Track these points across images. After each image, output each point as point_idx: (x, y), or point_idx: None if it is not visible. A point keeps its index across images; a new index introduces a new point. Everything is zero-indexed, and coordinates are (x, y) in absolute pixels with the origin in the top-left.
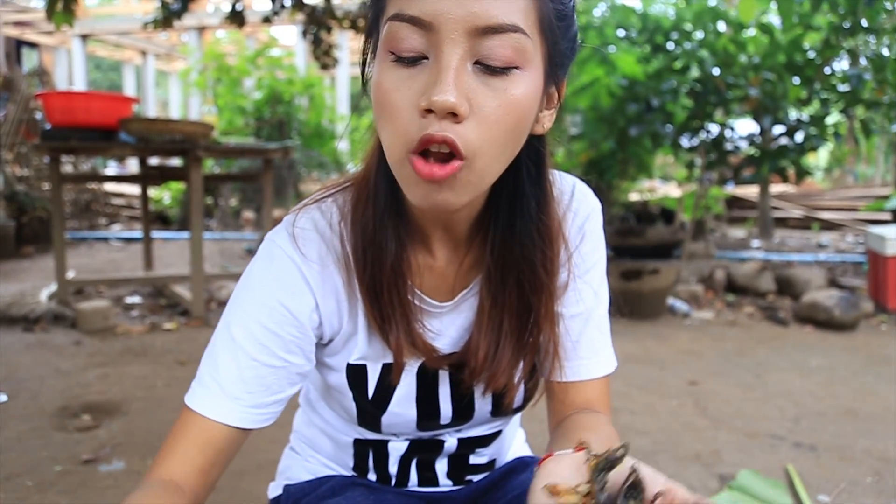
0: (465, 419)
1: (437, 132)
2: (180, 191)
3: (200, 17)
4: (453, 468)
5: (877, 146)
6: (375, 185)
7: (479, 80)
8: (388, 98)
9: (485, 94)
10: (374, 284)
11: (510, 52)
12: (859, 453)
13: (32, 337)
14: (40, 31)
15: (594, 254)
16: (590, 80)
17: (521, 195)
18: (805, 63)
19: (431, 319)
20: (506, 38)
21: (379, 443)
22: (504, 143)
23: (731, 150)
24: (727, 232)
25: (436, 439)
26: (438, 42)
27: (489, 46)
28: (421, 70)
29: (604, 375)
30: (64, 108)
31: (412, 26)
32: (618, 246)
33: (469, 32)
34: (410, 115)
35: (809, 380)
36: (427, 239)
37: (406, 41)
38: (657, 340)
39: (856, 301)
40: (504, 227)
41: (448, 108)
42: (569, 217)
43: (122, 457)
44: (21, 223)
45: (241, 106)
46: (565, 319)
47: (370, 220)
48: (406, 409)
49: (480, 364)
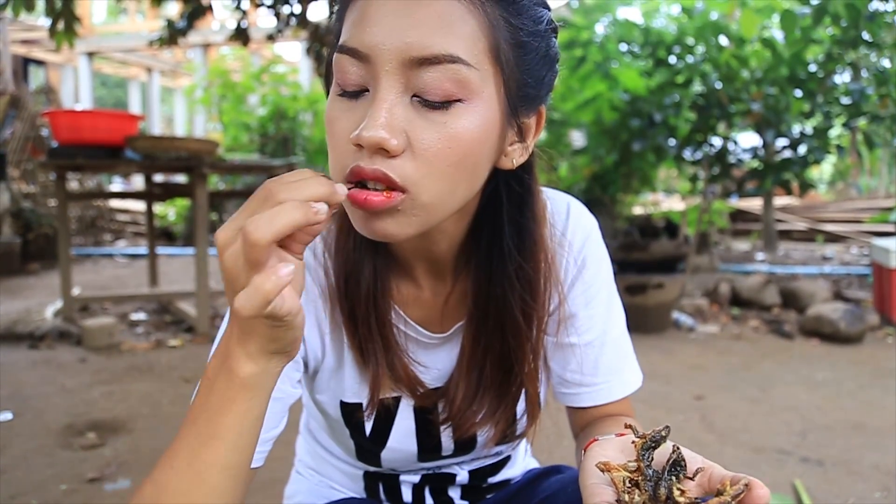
0: (468, 449)
1: (368, 166)
2: (185, 207)
3: (205, 35)
4: (467, 493)
5: (880, 158)
6: None
7: (417, 114)
8: (330, 129)
9: (423, 128)
10: (352, 314)
11: (448, 85)
12: (867, 468)
13: (38, 354)
14: (47, 49)
15: (598, 276)
16: (592, 95)
17: (499, 234)
18: (807, 76)
19: (422, 351)
20: (443, 69)
21: (389, 477)
22: (450, 177)
23: (735, 163)
24: (731, 245)
25: (446, 473)
26: (376, 74)
27: (425, 79)
28: (361, 103)
29: (624, 396)
30: (70, 127)
31: (352, 58)
32: (622, 260)
33: (404, 64)
34: (347, 146)
35: (816, 393)
36: (411, 270)
37: (348, 74)
38: (662, 355)
39: (861, 314)
40: (483, 264)
41: (375, 144)
42: (566, 242)
43: (127, 475)
44: (27, 240)
45: (245, 122)
46: (580, 348)
47: (350, 250)
48: (406, 445)
49: (456, 409)
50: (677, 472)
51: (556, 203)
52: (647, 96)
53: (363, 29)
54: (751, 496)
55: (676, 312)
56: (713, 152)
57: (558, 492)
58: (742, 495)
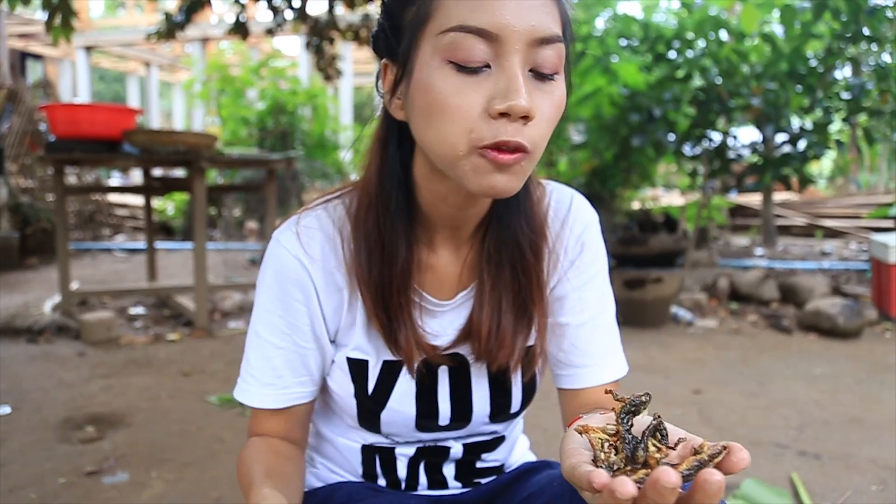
0: (464, 421)
1: (512, 137)
2: (184, 201)
3: (204, 29)
4: (461, 472)
5: (879, 154)
6: (383, 188)
7: (533, 86)
8: (451, 101)
9: (540, 98)
10: (382, 286)
11: (557, 60)
12: (864, 462)
13: (36, 348)
14: (44, 43)
15: (595, 263)
16: (592, 90)
17: None
18: (808, 71)
19: (429, 318)
20: (555, 48)
21: (386, 449)
22: (549, 138)
23: (734, 158)
24: (730, 240)
25: (441, 446)
26: (503, 52)
27: (542, 56)
28: (485, 77)
29: (615, 380)
30: (68, 120)
31: (478, 37)
32: (621, 255)
33: (529, 43)
34: (479, 116)
35: (813, 388)
36: (432, 239)
37: (471, 51)
38: (661, 349)
39: (859, 309)
40: (500, 217)
41: (524, 112)
42: (567, 228)
43: (126, 468)
44: (25, 234)
45: (244, 116)
46: (572, 328)
47: (377, 223)
48: (405, 407)
49: (485, 339)
50: (658, 440)
51: (561, 193)
52: (647, 91)
53: (489, 11)
54: (729, 459)
55: (675, 307)
56: (713, 147)
57: (545, 486)
58: (720, 457)
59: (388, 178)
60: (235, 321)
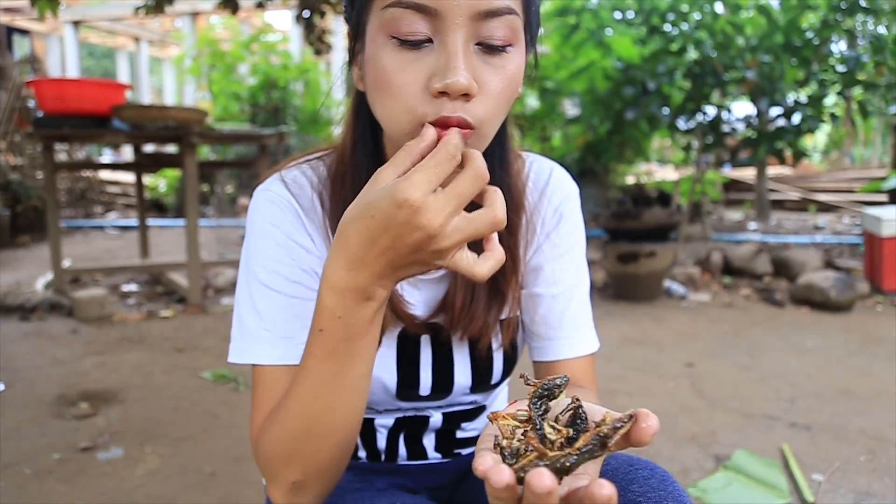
0: (445, 392)
1: (452, 114)
2: (176, 178)
3: (194, 3)
4: (441, 442)
5: (874, 128)
6: (355, 160)
7: (481, 60)
8: (392, 79)
9: (487, 72)
10: None
11: (508, 32)
12: (854, 433)
13: (29, 326)
14: (31, 18)
15: (572, 235)
16: (586, 64)
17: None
18: (803, 44)
19: (411, 287)
20: (503, 20)
21: (366, 420)
22: (502, 112)
23: (728, 132)
24: (724, 214)
25: (421, 416)
26: (444, 27)
27: (489, 28)
28: (426, 52)
29: (587, 354)
30: (56, 96)
31: (416, 12)
32: (614, 229)
33: (472, 17)
34: (420, 94)
35: (805, 360)
36: None
37: (410, 26)
38: (654, 322)
39: (852, 282)
40: None
41: (462, 90)
42: (545, 198)
43: (119, 444)
44: (16, 212)
45: (235, 92)
46: (546, 299)
47: (352, 191)
48: (386, 374)
49: (458, 311)
50: (577, 425)
51: (540, 164)
52: (641, 64)
53: None
54: (637, 427)
55: (668, 281)
56: (707, 121)
57: None
58: (625, 427)
59: (359, 148)
60: (229, 297)
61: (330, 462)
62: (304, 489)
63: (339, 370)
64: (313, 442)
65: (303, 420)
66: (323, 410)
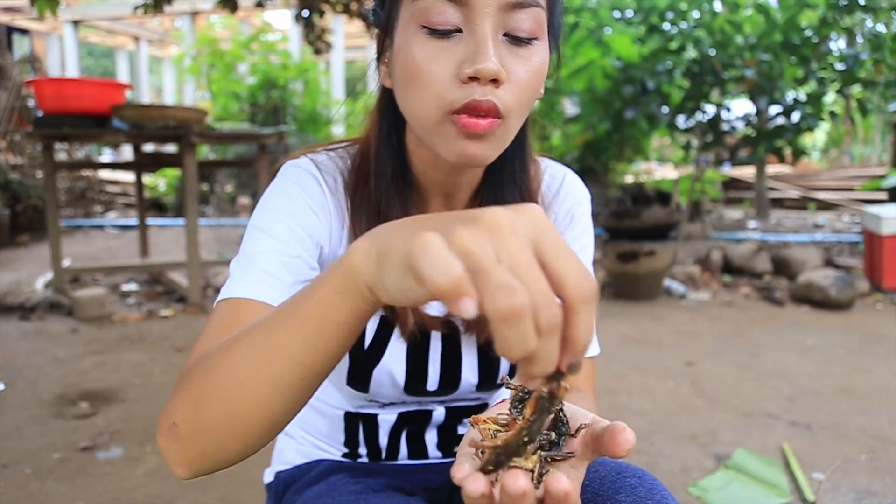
0: (451, 389)
1: (483, 97)
2: (175, 177)
3: (193, 2)
4: (443, 440)
5: (873, 126)
6: (380, 157)
7: (508, 50)
8: (423, 66)
9: (514, 62)
10: None
11: (534, 25)
12: (854, 431)
13: (29, 325)
14: (31, 17)
15: (582, 238)
16: (585, 62)
17: (509, 160)
18: (802, 42)
19: None
20: (530, 12)
21: (368, 416)
22: (528, 103)
23: (728, 130)
24: (723, 213)
25: (424, 410)
26: (473, 17)
27: (517, 20)
28: (456, 42)
29: (588, 357)
30: (55, 95)
31: (447, 2)
32: (614, 228)
33: (501, 7)
34: (450, 81)
35: (805, 359)
36: (427, 206)
37: (442, 15)
38: (654, 321)
39: (851, 281)
40: (495, 188)
41: (492, 75)
42: (558, 200)
43: (120, 444)
44: (16, 212)
45: (235, 91)
46: None
47: (375, 188)
48: (396, 365)
49: None
50: (559, 429)
51: (555, 169)
52: (640, 63)
53: None
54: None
55: (668, 280)
56: (706, 120)
57: None
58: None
59: (384, 146)
60: None
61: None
62: (178, 441)
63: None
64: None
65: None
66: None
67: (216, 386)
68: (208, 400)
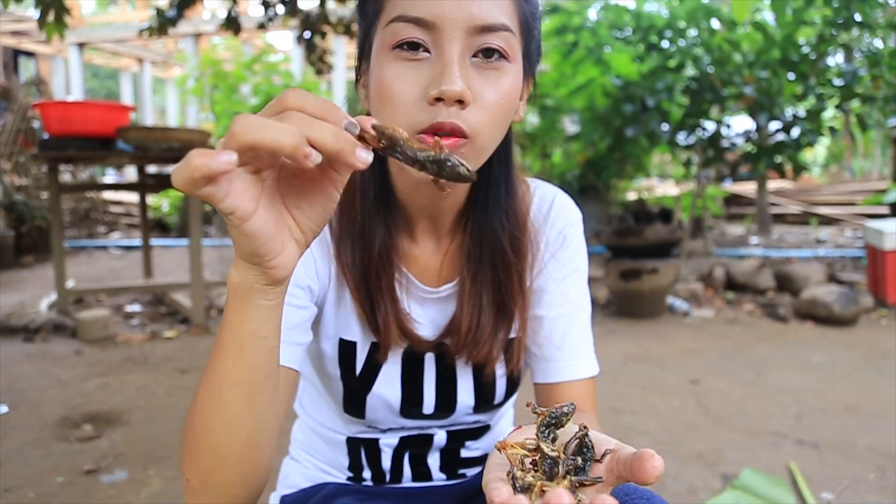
0: (448, 412)
1: (446, 119)
2: (179, 198)
3: (196, 24)
4: (446, 462)
5: (873, 140)
6: (363, 178)
7: (476, 72)
8: (393, 88)
9: (482, 84)
10: (363, 269)
11: (503, 47)
12: (862, 450)
13: (33, 347)
14: (37, 41)
15: (575, 259)
16: (585, 81)
17: (494, 183)
18: (800, 58)
19: (417, 305)
20: (498, 35)
21: (370, 441)
22: (498, 125)
23: (728, 147)
24: (725, 229)
25: (425, 434)
26: (441, 40)
27: (485, 42)
28: (424, 64)
29: (588, 377)
30: (61, 118)
31: (415, 26)
32: (616, 246)
33: (468, 31)
34: (417, 102)
35: (810, 376)
36: (412, 228)
37: (410, 38)
38: (658, 340)
39: (855, 296)
40: (480, 213)
41: (456, 97)
42: (549, 222)
43: (123, 467)
44: (20, 233)
45: (238, 112)
46: (548, 321)
47: (360, 211)
48: (390, 391)
49: (464, 335)
50: (584, 454)
51: (544, 190)
52: (640, 81)
53: (427, 1)
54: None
55: (671, 297)
56: (706, 136)
57: None
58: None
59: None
60: None
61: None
62: (195, 495)
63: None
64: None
65: (192, 406)
66: (199, 402)
67: (197, 434)
68: (197, 448)
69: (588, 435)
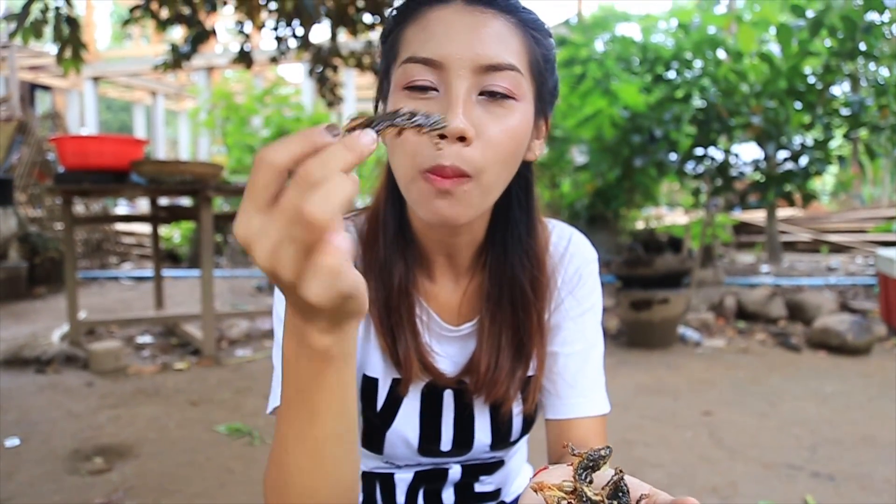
0: (465, 449)
1: (448, 162)
2: (190, 229)
3: (209, 58)
4: (459, 497)
5: (882, 167)
6: (385, 215)
7: (482, 109)
8: None
9: (488, 121)
10: (385, 304)
11: (508, 86)
12: (879, 482)
13: (44, 379)
14: (54, 75)
15: (591, 297)
16: (593, 112)
17: (513, 222)
18: (806, 88)
19: (438, 342)
20: (504, 74)
21: (385, 476)
22: (504, 162)
23: (737, 176)
24: (735, 258)
25: (440, 468)
26: (448, 78)
27: (491, 80)
28: (432, 103)
29: (600, 415)
30: (77, 152)
31: (424, 66)
32: (626, 276)
33: (474, 70)
34: (423, 141)
35: (825, 407)
36: (430, 266)
37: (419, 79)
38: (669, 370)
39: (868, 325)
40: (499, 252)
41: (458, 133)
42: (565, 260)
43: (134, 500)
44: (33, 264)
45: (249, 144)
46: (562, 357)
47: (381, 248)
48: (409, 428)
49: (483, 375)
50: (620, 497)
51: (561, 229)
52: (647, 112)
53: (436, 42)
54: None
55: (682, 327)
56: (715, 165)
57: None
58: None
59: (388, 205)
60: (243, 349)
61: None
62: None
63: (301, 426)
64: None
65: (279, 473)
66: (293, 468)
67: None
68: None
69: (623, 479)
